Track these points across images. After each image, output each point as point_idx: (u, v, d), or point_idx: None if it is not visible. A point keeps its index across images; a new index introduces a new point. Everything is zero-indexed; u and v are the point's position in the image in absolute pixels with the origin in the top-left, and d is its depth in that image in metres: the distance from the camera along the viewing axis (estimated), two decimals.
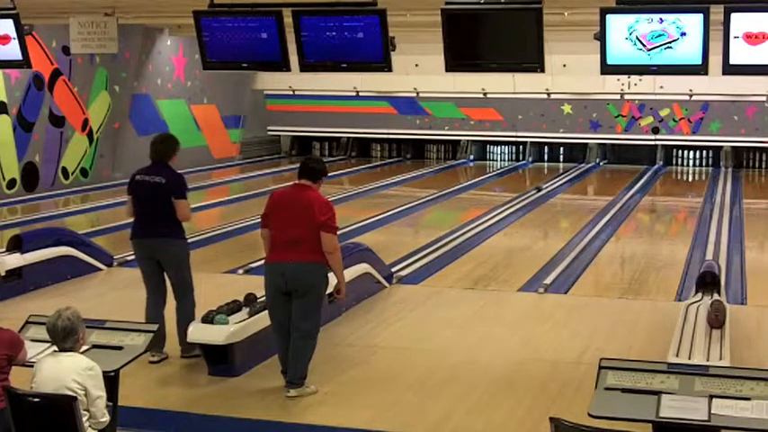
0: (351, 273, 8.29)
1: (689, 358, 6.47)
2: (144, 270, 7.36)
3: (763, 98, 20.66)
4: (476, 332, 8.18)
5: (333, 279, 6.73)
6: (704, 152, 22.43)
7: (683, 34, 7.08)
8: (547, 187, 18.42)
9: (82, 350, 4.81)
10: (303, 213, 6.41)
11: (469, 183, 20.03)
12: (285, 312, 6.47)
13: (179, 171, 7.33)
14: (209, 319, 6.93)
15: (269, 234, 6.55)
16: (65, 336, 4.66)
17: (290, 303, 6.44)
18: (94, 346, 5.11)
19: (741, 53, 7.02)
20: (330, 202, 6.64)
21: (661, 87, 20.84)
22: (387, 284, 9.64)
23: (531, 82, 20.63)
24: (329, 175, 7.03)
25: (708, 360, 6.44)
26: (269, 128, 24.42)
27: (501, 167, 22.65)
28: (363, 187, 18.30)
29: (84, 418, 4.53)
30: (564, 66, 19.58)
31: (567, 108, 22.23)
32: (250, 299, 7.35)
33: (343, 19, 7.85)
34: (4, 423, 4.60)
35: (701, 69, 7.18)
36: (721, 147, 21.89)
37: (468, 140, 23.37)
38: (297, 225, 6.41)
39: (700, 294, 8.25)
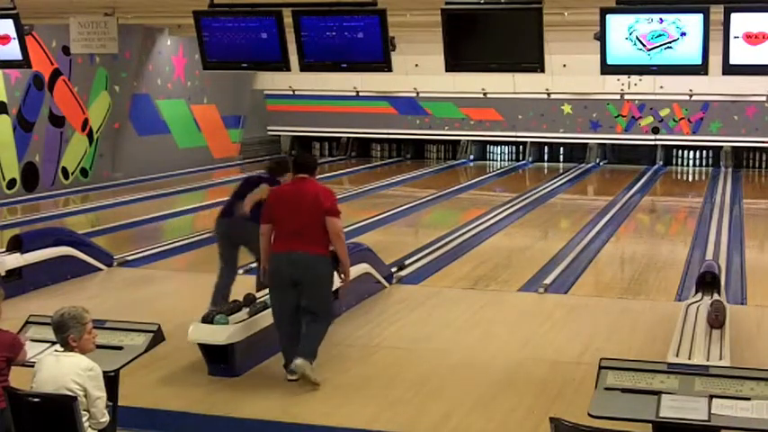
0: (351, 273, 8.26)
1: (689, 358, 6.46)
2: (220, 248, 8.35)
3: (763, 98, 20.64)
4: (476, 332, 8.18)
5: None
6: (704, 152, 22.42)
7: (683, 34, 7.08)
8: (543, 190, 18.41)
9: None
10: (308, 203, 6.64)
11: (469, 183, 20.03)
12: (290, 301, 6.59)
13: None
14: (209, 319, 6.93)
15: (270, 229, 6.73)
16: (55, 329, 4.70)
17: (295, 293, 6.58)
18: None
19: (741, 53, 7.03)
20: (330, 188, 6.97)
21: (661, 87, 20.83)
22: (387, 284, 9.64)
23: (531, 82, 20.63)
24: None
25: (708, 360, 6.43)
26: (269, 128, 24.41)
27: (501, 167, 22.64)
28: (363, 187, 18.27)
29: (84, 419, 4.53)
30: (564, 66, 19.58)
31: (567, 108, 22.22)
32: (250, 299, 7.36)
33: (343, 19, 7.86)
34: (4, 423, 4.61)
35: (700, 69, 7.19)
36: (721, 147, 21.88)
37: (468, 140, 23.35)
38: (302, 215, 6.63)
39: (700, 294, 8.23)
